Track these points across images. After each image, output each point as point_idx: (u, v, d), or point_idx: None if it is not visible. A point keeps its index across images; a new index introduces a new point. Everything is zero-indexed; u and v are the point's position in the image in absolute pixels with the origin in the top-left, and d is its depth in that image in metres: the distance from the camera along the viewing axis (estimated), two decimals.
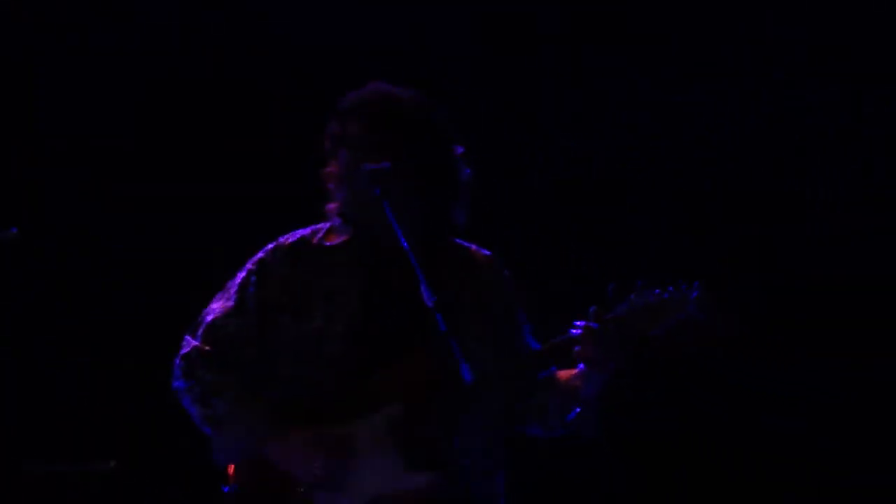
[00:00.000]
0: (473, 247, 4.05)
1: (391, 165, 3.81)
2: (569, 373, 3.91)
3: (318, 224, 4.06)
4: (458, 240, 4.04)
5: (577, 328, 3.82)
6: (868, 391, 5.97)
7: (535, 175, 6.21)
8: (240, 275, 4.02)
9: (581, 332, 3.81)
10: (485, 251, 4.06)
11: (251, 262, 4.02)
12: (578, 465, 6.02)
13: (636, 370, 5.41)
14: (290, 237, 4.05)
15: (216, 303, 4.02)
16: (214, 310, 4.01)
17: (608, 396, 3.89)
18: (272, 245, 4.04)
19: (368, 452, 3.84)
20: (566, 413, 3.92)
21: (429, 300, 3.63)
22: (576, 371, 3.88)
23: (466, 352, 3.58)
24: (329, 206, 3.99)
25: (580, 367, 3.86)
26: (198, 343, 3.98)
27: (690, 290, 3.80)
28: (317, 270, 3.97)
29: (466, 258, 4.02)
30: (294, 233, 4.06)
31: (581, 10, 6.12)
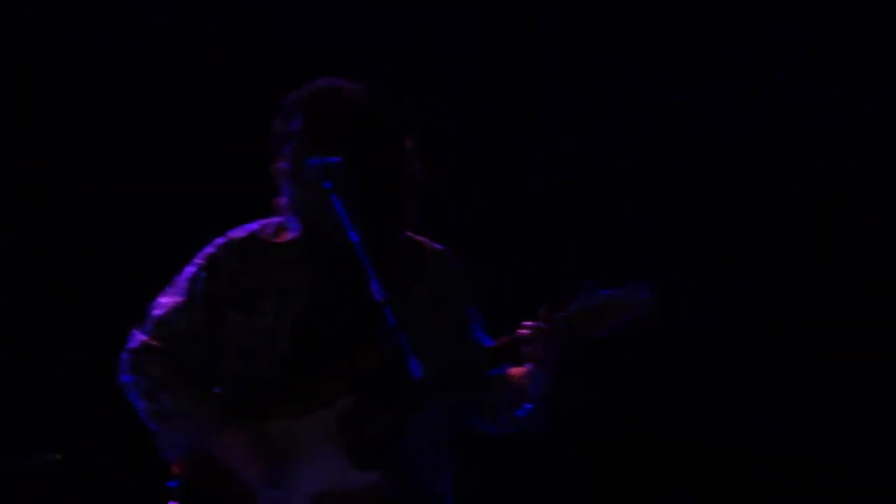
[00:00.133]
0: (426, 241, 4.01)
1: (339, 160, 3.75)
2: (520, 370, 3.87)
3: (269, 218, 4.02)
4: (411, 233, 3.99)
5: (526, 328, 3.77)
6: (868, 391, 5.97)
7: (535, 175, 6.20)
8: (188, 269, 3.99)
9: (529, 332, 3.76)
10: (437, 245, 4.02)
11: (200, 257, 4.00)
12: (533, 465, 6.02)
13: (596, 369, 5.43)
14: (240, 231, 4.02)
15: (164, 297, 3.99)
16: (163, 304, 3.98)
17: (561, 396, 3.85)
18: (221, 240, 4.02)
19: (314, 450, 3.81)
20: (516, 410, 3.88)
21: (378, 295, 3.59)
22: (525, 369, 3.85)
23: (416, 347, 3.53)
24: (278, 201, 3.95)
25: (528, 366, 3.83)
26: (146, 337, 3.96)
27: (641, 291, 3.75)
28: (267, 266, 3.94)
29: (418, 252, 3.98)
30: (244, 227, 4.03)
31: (581, 10, 6.12)
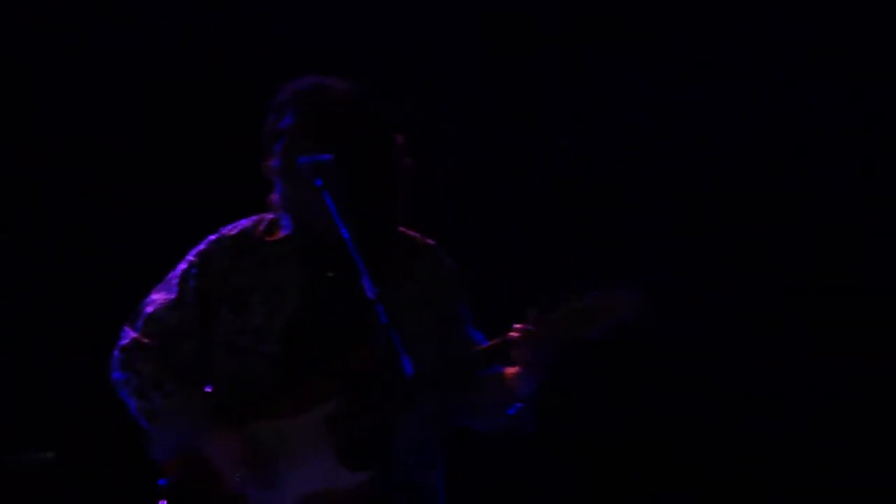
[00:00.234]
0: (418, 236, 4.00)
1: (330, 157, 3.76)
2: (512, 370, 3.86)
3: (261, 215, 4.02)
4: (403, 229, 3.98)
5: (515, 330, 3.76)
6: (868, 391, 5.97)
7: (535, 175, 6.20)
8: (181, 266, 3.99)
9: (517, 335, 3.76)
10: (429, 240, 4.01)
11: (192, 254, 3.99)
12: (530, 465, 6.02)
13: (593, 369, 5.42)
14: (233, 229, 4.01)
15: (156, 294, 3.98)
16: (154, 301, 3.97)
17: (551, 396, 3.86)
18: (214, 237, 4.01)
19: (305, 450, 3.79)
20: (505, 410, 3.87)
21: (370, 292, 3.59)
22: (516, 370, 3.84)
23: (408, 345, 3.54)
24: (272, 198, 3.96)
25: (516, 368, 3.82)
26: (137, 335, 3.94)
27: (627, 293, 3.74)
28: (259, 264, 3.93)
29: (410, 249, 3.97)
30: (236, 224, 4.02)
31: (581, 10, 6.12)
